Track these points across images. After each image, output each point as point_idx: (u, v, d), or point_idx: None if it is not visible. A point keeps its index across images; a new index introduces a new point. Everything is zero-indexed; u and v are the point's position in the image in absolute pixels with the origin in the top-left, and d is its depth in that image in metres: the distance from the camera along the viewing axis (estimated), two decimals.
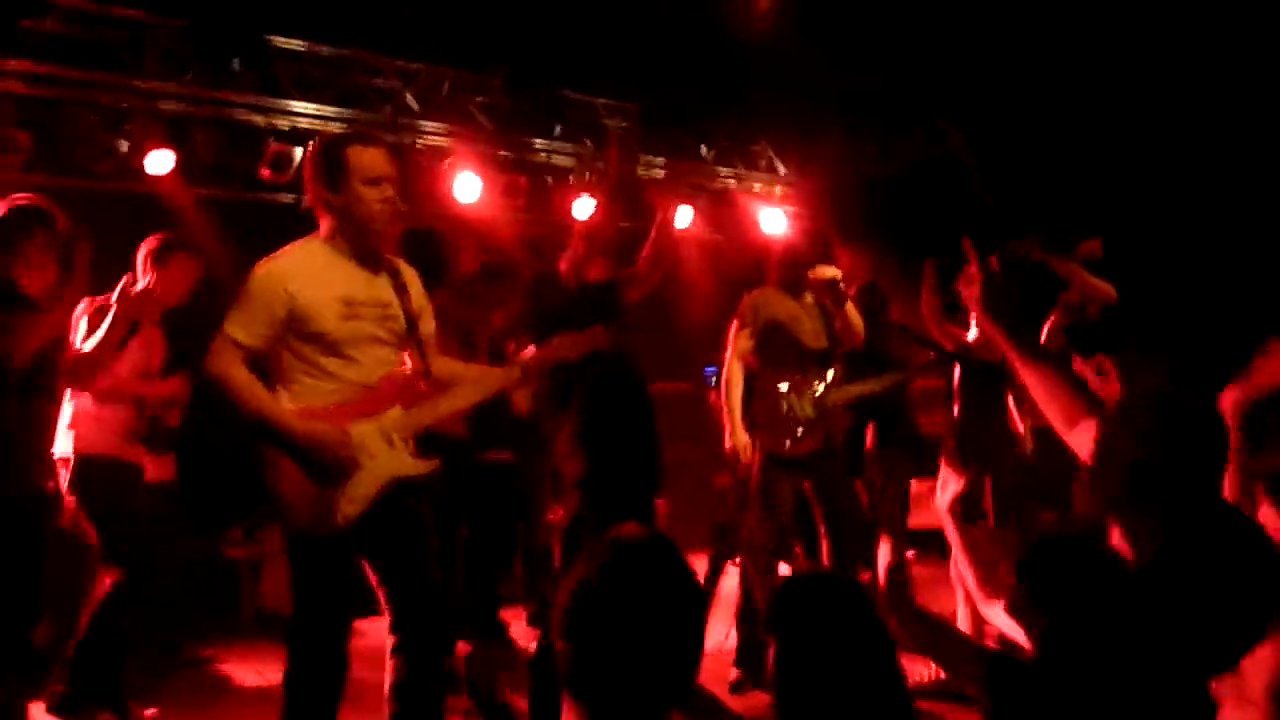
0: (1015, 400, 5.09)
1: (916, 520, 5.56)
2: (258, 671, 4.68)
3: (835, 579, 2.27)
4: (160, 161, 5.33)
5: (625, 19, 5.95)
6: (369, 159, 2.87)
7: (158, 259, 4.05)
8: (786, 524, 4.51)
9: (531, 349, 3.38)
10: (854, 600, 2.09)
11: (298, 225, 5.37)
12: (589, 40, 6.17)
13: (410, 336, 2.99)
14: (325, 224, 2.92)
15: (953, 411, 5.44)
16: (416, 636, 2.90)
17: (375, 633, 3.12)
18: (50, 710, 3.91)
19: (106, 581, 3.91)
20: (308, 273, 2.83)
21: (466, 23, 5.99)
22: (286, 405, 2.82)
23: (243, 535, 5.69)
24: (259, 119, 5.71)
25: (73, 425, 3.92)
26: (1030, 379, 2.33)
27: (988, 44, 5.99)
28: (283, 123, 5.76)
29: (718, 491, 7.69)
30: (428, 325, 3.07)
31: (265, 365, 2.88)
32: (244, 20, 5.53)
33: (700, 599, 1.75)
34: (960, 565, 2.66)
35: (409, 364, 3.02)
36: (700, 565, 6.60)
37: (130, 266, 4.01)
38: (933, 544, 5.79)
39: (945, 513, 2.54)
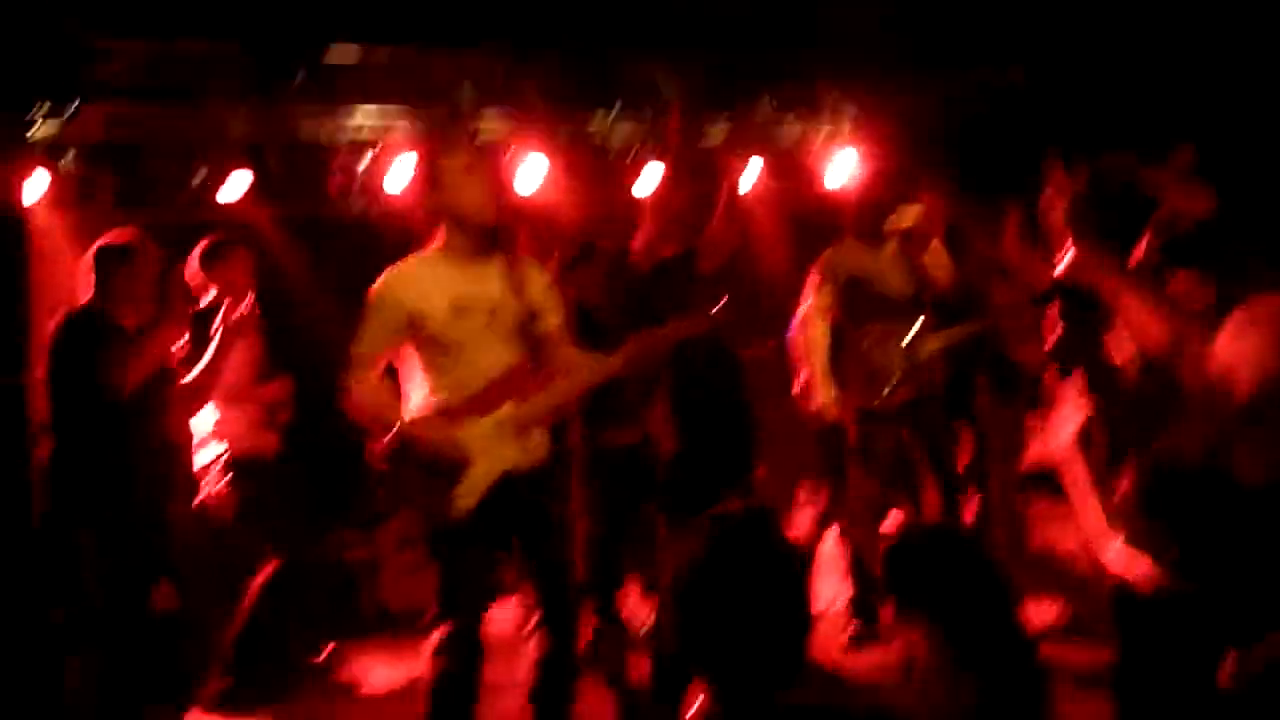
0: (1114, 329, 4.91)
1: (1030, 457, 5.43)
2: (385, 671, 4.84)
3: (945, 531, 2.28)
4: (235, 186, 5.46)
5: None
6: (459, 155, 3.15)
7: (211, 262, 4.24)
8: (887, 478, 4.46)
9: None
10: (966, 551, 2.10)
11: (367, 235, 5.51)
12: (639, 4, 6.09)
13: (524, 332, 3.12)
14: (437, 232, 3.14)
15: (1055, 346, 5.28)
16: (551, 612, 3.13)
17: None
18: (210, 710, 4.12)
19: (266, 571, 4.13)
20: (418, 279, 3.07)
21: (513, 5, 5.97)
22: (414, 408, 3.08)
23: (360, 536, 5.85)
24: (321, 132, 5.77)
25: (213, 433, 4.20)
26: (1127, 298, 2.25)
27: None
28: (344, 132, 5.82)
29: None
30: (549, 321, 3.20)
31: (400, 370, 3.14)
32: (299, 34, 5.59)
33: (801, 568, 1.80)
34: (1079, 502, 2.60)
35: (519, 359, 3.17)
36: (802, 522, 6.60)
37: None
38: (1045, 483, 5.63)
39: (1067, 447, 2.48)
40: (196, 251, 4.38)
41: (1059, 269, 5.01)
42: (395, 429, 3.02)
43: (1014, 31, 6.59)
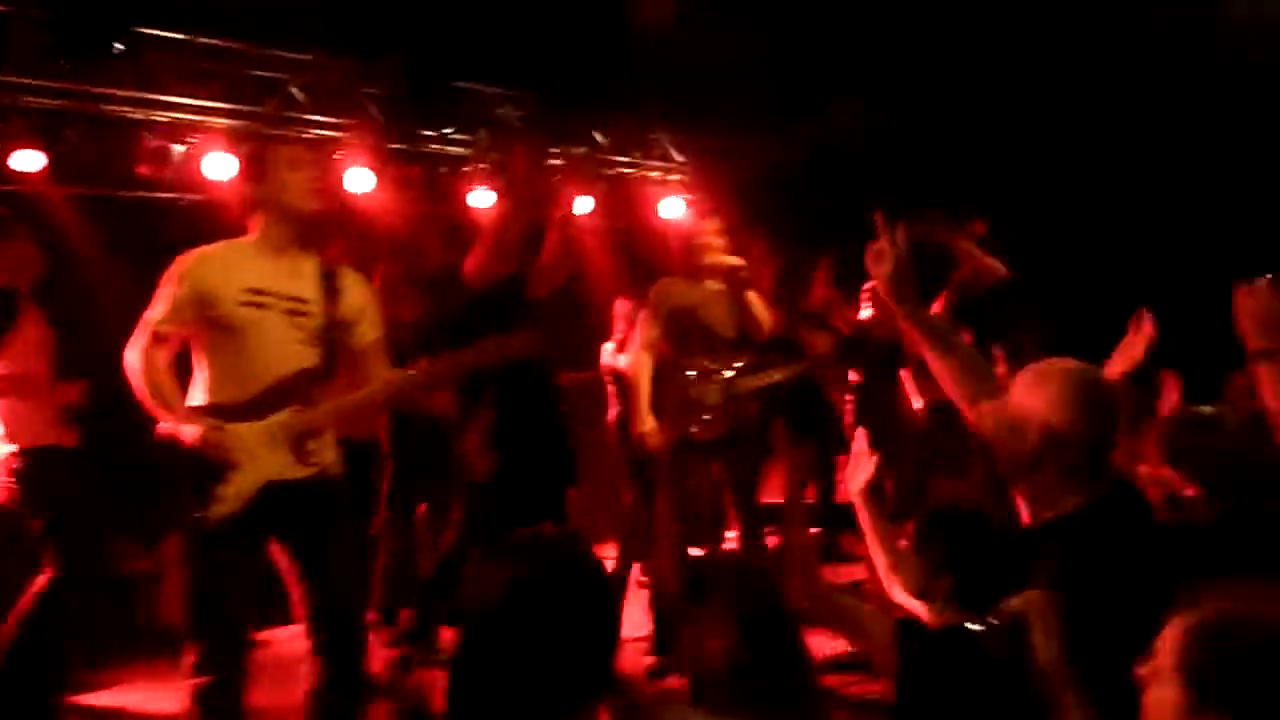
0: (912, 378, 5.27)
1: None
2: (157, 694, 4.50)
3: (739, 561, 2.35)
4: (29, 161, 5.07)
5: (518, 7, 5.89)
6: (290, 149, 3.09)
7: None
8: (699, 509, 4.54)
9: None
10: (758, 581, 2.17)
11: (175, 223, 5.23)
12: (481, 30, 6.09)
13: (328, 339, 2.98)
14: (253, 223, 2.99)
15: (855, 394, 5.60)
16: (328, 638, 2.93)
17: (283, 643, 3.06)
18: None
19: (41, 581, 3.78)
20: (222, 261, 2.92)
21: (355, 12, 5.85)
22: (198, 399, 2.89)
23: (143, 548, 5.47)
24: (136, 114, 5.47)
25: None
26: (933, 355, 2.38)
27: (878, 27, 6.11)
28: (161, 117, 5.53)
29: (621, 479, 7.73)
30: (364, 333, 3.07)
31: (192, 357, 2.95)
32: (117, 9, 5.28)
33: (612, 591, 1.77)
34: (870, 546, 2.75)
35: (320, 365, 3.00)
36: (608, 552, 6.64)
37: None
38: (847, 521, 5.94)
39: (856, 495, 2.62)
40: None
41: (864, 318, 5.35)
42: (168, 414, 2.85)
43: (845, 83, 6.97)
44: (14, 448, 3.85)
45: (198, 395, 2.92)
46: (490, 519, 4.28)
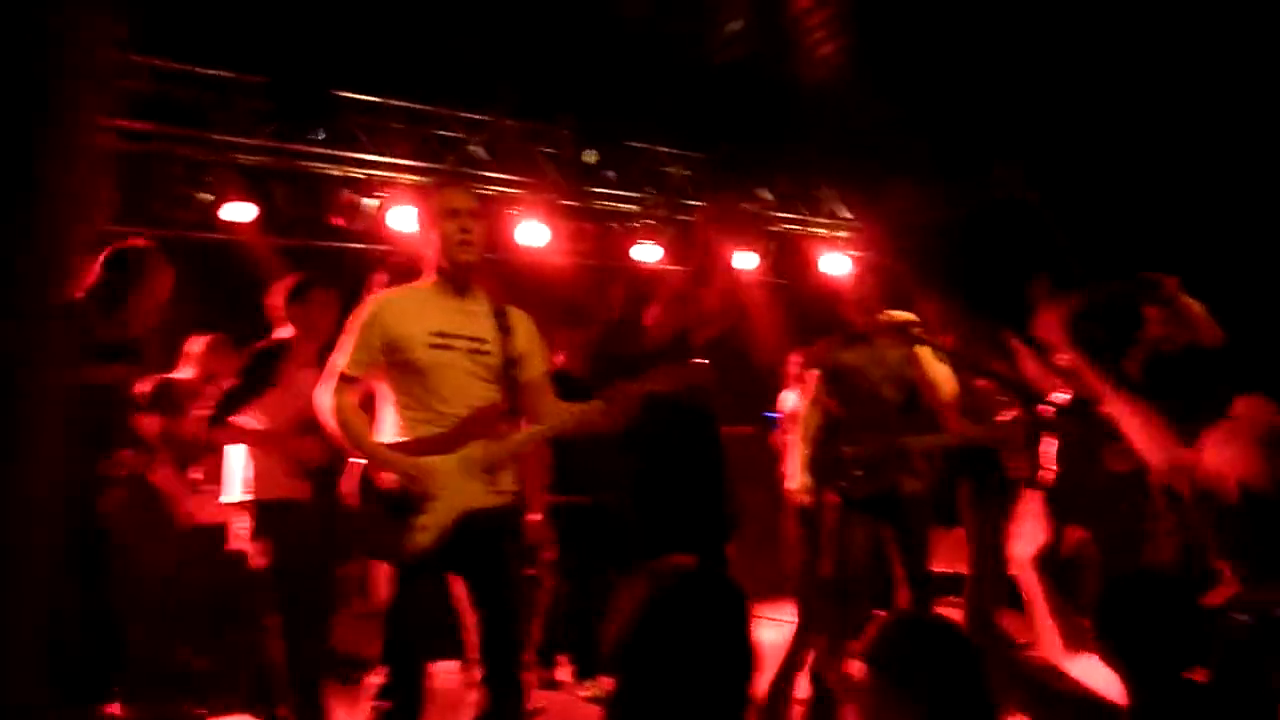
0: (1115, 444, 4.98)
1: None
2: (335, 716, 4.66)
3: (942, 624, 2.24)
4: (240, 212, 5.50)
5: (687, 68, 6.03)
6: (448, 195, 3.14)
7: (297, 298, 4.08)
8: (856, 571, 4.41)
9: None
10: (961, 648, 2.04)
11: (368, 272, 5.52)
12: (651, 89, 6.26)
13: (505, 375, 3.10)
14: (427, 268, 3.13)
15: (1036, 457, 5.36)
16: (495, 669, 2.99)
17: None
18: None
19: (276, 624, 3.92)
20: (406, 306, 3.06)
21: (532, 75, 6.13)
22: (388, 438, 3.02)
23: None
24: (333, 170, 5.88)
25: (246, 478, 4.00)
26: (1123, 412, 2.28)
27: (1050, 84, 5.95)
28: (356, 173, 5.93)
29: (786, 536, 7.63)
30: (533, 368, 3.17)
31: (376, 398, 3.09)
32: (320, 76, 5.71)
33: (746, 616, 1.72)
34: (1038, 617, 2.60)
35: (493, 400, 3.11)
36: (767, 611, 6.54)
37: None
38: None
39: (1025, 564, 2.47)
40: (283, 285, 4.18)
41: (1063, 388, 5.13)
42: (364, 452, 2.96)
43: (1010, 141, 6.80)
44: (250, 498, 3.97)
45: (387, 433, 3.03)
46: (637, 561, 4.28)
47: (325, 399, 3.01)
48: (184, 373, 4.69)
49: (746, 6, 5.52)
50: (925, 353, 4.43)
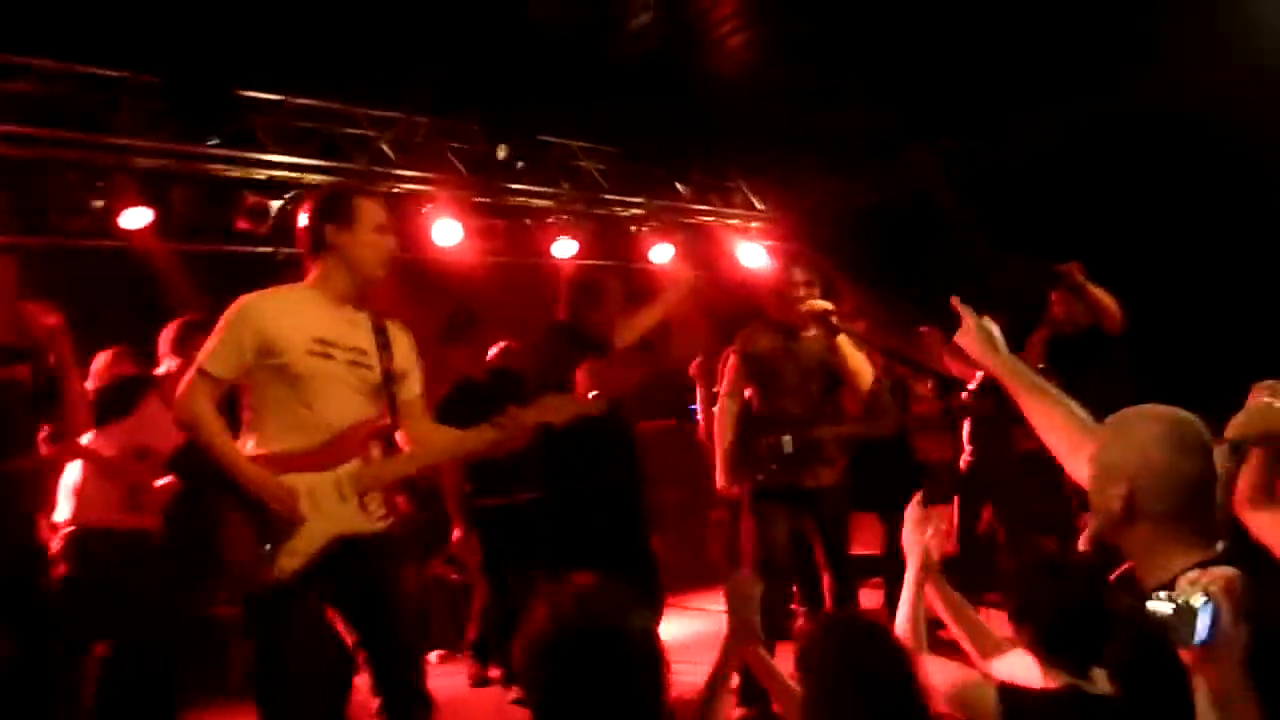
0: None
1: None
2: None
3: (865, 622, 2.30)
4: (136, 218, 5.32)
5: (598, 61, 6.00)
6: (376, 208, 2.96)
7: (183, 341, 4.08)
8: (778, 559, 4.46)
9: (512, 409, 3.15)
10: (885, 642, 2.11)
11: (274, 277, 5.39)
12: (564, 83, 6.21)
13: (384, 391, 2.94)
14: (315, 269, 2.92)
15: (958, 441, 5.52)
16: (391, 696, 2.84)
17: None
18: None
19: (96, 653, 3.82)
20: (284, 308, 2.84)
21: (440, 70, 6.02)
22: (252, 449, 2.79)
23: (229, 594, 5.56)
24: (235, 172, 5.71)
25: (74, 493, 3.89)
26: (1029, 405, 2.30)
27: (958, 71, 6.06)
28: (259, 174, 5.77)
29: (712, 526, 7.70)
30: (411, 387, 3.01)
31: (240, 406, 2.86)
32: (218, 75, 5.53)
33: (652, 648, 1.75)
34: (952, 628, 2.66)
35: (380, 420, 2.95)
36: (696, 601, 6.58)
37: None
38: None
39: (920, 565, 2.52)
40: (171, 330, 4.20)
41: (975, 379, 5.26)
42: (223, 462, 2.70)
43: (920, 129, 6.91)
44: (71, 527, 3.90)
45: (251, 444, 2.80)
46: (550, 562, 4.28)
47: (191, 401, 2.74)
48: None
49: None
50: (844, 341, 4.48)
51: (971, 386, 5.35)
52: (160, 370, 4.13)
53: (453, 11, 5.38)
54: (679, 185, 7.61)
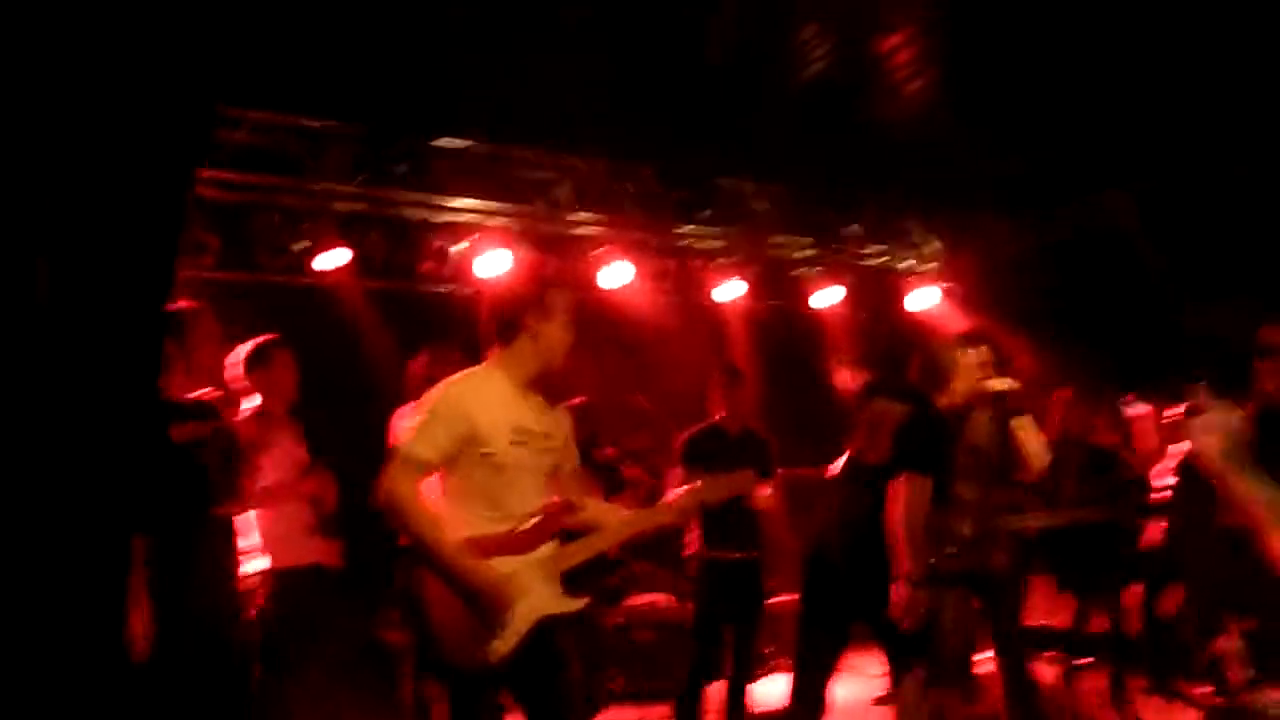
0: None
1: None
2: None
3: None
4: (334, 259, 5.67)
5: (768, 102, 6.00)
6: (567, 299, 3.01)
7: (258, 363, 4.14)
8: (948, 641, 4.27)
9: (680, 489, 3.30)
10: None
11: (450, 314, 5.61)
12: (735, 125, 6.25)
13: (561, 471, 3.05)
14: (501, 352, 2.99)
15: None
16: None
17: None
18: None
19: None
20: (486, 396, 2.91)
21: (613, 117, 6.16)
22: (453, 533, 2.86)
23: (400, 618, 5.74)
24: (422, 215, 6.00)
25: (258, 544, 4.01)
26: (1262, 527, 2.10)
27: (1147, 113, 5.76)
28: (444, 217, 6.04)
29: None
30: (574, 463, 3.13)
31: (440, 489, 2.95)
32: (412, 123, 5.83)
33: None
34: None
35: (558, 499, 3.02)
36: (851, 659, 6.40)
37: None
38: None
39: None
40: (240, 354, 4.19)
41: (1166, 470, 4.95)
42: (435, 551, 2.80)
43: (1105, 171, 6.60)
44: (268, 560, 3.99)
45: (457, 529, 2.86)
46: None
47: (400, 488, 2.80)
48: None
49: (832, 42, 5.48)
50: (1023, 422, 4.26)
51: (1168, 477, 5.05)
52: (247, 407, 4.14)
53: (628, 55, 5.51)
54: (854, 226, 7.50)
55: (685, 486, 3.20)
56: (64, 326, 2.29)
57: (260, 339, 4.22)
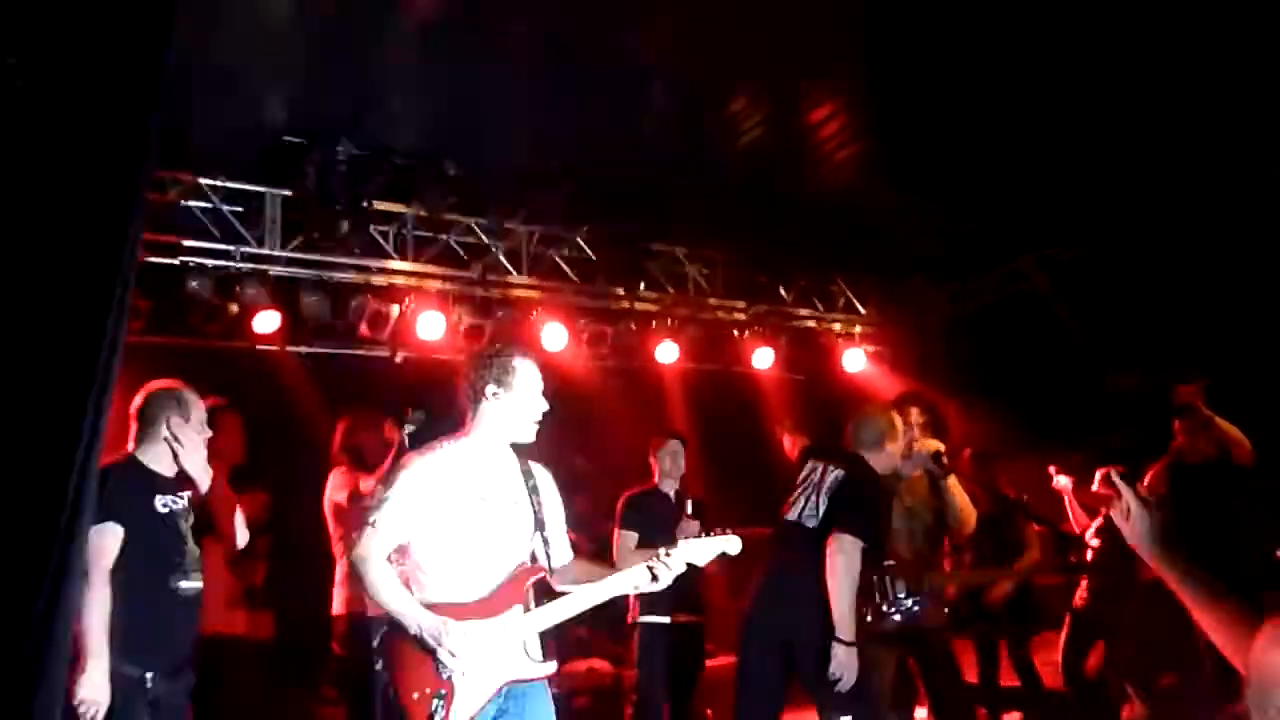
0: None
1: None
2: None
3: None
4: (267, 322, 5.62)
5: (701, 172, 6.15)
6: (535, 371, 3.08)
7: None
8: (884, 696, 4.31)
9: (663, 550, 3.18)
10: None
11: (388, 378, 5.58)
12: (667, 193, 6.38)
13: (536, 534, 3.07)
14: (472, 420, 3.06)
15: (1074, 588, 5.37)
16: None
17: None
18: None
19: None
20: (451, 465, 2.98)
21: (548, 182, 6.25)
22: (421, 600, 2.91)
23: (338, 692, 5.62)
24: (358, 279, 5.99)
25: None
26: (1196, 608, 2.15)
27: (1066, 181, 6.04)
28: (379, 280, 6.04)
29: None
30: (556, 525, 3.15)
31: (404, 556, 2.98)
32: (349, 188, 5.83)
33: None
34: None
35: (528, 563, 3.06)
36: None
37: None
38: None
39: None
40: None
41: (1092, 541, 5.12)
42: (404, 618, 2.84)
43: (1026, 238, 6.85)
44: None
45: (420, 594, 2.92)
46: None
47: (367, 554, 2.88)
48: None
49: (764, 113, 5.65)
50: (953, 482, 4.37)
51: (1090, 537, 5.23)
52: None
53: (564, 127, 5.61)
54: (781, 289, 7.67)
55: (663, 550, 3.11)
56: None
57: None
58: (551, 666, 3.02)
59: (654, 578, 3.05)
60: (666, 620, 5.00)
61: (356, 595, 4.26)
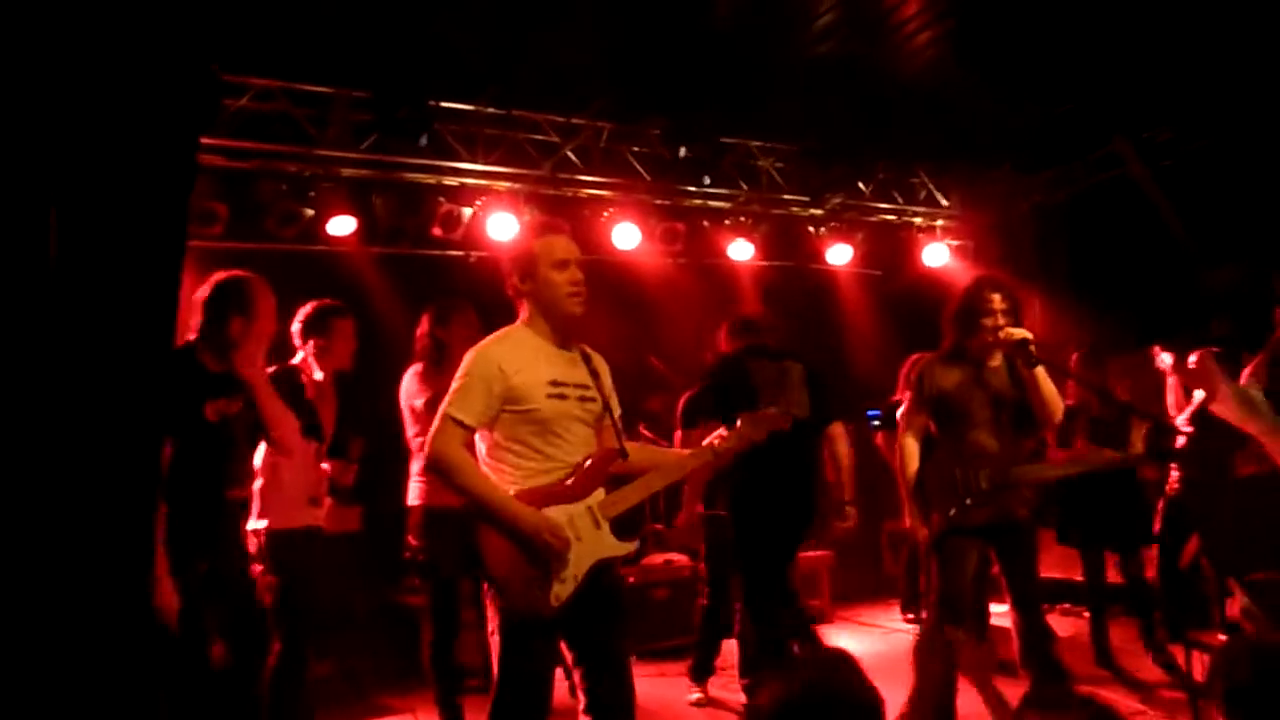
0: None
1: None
2: None
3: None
4: (342, 226, 5.66)
5: (780, 61, 5.94)
6: (554, 245, 3.06)
7: (316, 327, 4.15)
8: (964, 591, 4.25)
9: (720, 431, 3.34)
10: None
11: (465, 279, 5.60)
12: (745, 84, 6.18)
13: (604, 419, 3.10)
14: (523, 312, 3.08)
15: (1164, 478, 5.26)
16: (606, 706, 2.95)
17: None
18: None
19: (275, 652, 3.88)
20: (519, 355, 2.98)
21: (621, 79, 6.11)
22: (508, 485, 2.94)
23: (420, 582, 5.79)
24: (430, 179, 5.98)
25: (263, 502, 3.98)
26: (1260, 433, 2.10)
27: (1163, 58, 5.67)
28: (451, 181, 6.02)
29: (885, 540, 7.53)
30: (616, 409, 3.17)
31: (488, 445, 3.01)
32: (417, 87, 5.79)
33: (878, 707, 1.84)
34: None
35: (603, 445, 3.10)
36: (868, 617, 6.44)
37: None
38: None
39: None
40: (302, 314, 4.22)
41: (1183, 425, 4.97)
42: (491, 506, 2.87)
43: (1119, 120, 6.51)
44: (264, 524, 3.95)
45: (506, 484, 2.95)
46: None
47: (450, 451, 2.89)
48: None
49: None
50: (1040, 372, 4.20)
51: (1184, 424, 5.03)
52: (296, 360, 4.16)
53: (634, 17, 5.44)
54: (860, 183, 7.45)
55: (720, 431, 3.28)
56: (74, 291, 2.30)
57: (321, 303, 4.22)
58: (634, 545, 3.10)
59: (716, 455, 3.19)
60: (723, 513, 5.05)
61: (433, 487, 4.32)
